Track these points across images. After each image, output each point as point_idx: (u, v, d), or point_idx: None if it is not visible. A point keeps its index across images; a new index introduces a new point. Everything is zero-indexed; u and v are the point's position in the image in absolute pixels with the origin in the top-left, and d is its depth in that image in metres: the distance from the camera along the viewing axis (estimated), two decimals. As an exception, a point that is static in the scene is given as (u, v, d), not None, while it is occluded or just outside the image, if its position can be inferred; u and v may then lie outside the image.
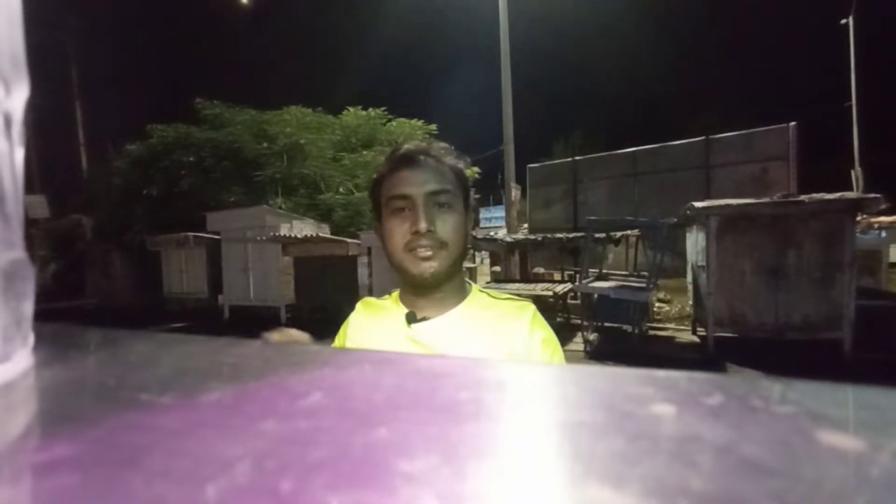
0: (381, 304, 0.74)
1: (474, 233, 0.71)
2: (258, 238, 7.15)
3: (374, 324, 0.71)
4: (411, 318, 0.68)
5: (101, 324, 0.31)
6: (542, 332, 0.67)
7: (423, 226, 0.62)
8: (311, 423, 0.15)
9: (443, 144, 0.70)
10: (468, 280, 0.74)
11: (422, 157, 0.66)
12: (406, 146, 0.68)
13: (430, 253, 0.64)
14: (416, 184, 0.64)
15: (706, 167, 9.12)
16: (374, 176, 0.70)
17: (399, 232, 0.64)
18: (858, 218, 4.40)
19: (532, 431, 0.15)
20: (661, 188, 9.37)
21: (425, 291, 0.67)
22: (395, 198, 0.65)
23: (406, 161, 0.66)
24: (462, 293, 0.70)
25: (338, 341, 0.74)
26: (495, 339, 0.65)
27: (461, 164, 0.69)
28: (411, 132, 11.25)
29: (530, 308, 0.69)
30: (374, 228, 0.73)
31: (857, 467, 0.12)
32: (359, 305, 0.76)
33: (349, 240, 7.33)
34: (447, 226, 0.65)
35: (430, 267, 0.64)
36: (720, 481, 0.11)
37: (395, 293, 0.73)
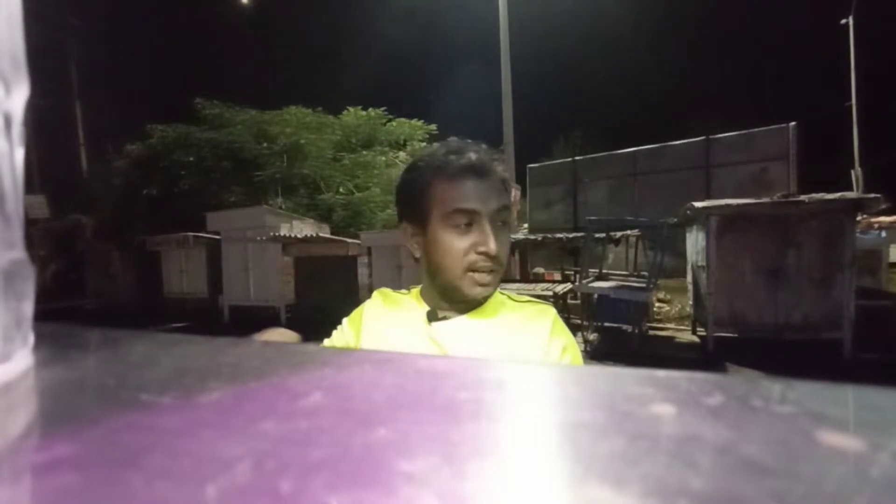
0: (401, 298, 0.72)
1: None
2: (258, 238, 7.15)
3: (393, 317, 0.69)
4: (432, 317, 0.66)
5: (101, 324, 0.30)
6: (561, 339, 0.65)
7: (492, 247, 0.59)
8: (311, 423, 0.15)
9: (486, 148, 0.65)
10: None
11: (487, 169, 0.61)
12: (469, 154, 0.62)
13: (490, 278, 0.62)
14: (483, 200, 0.60)
15: (706, 167, 9.11)
16: (418, 175, 0.64)
17: (460, 250, 0.61)
18: (858, 218, 4.39)
19: (532, 431, 0.15)
20: (661, 188, 9.36)
21: (459, 300, 0.65)
22: (459, 211, 0.60)
23: (473, 171, 0.61)
24: None
25: (350, 325, 0.72)
26: (514, 343, 0.63)
27: (507, 174, 0.65)
28: (411, 132, 11.26)
29: (551, 312, 0.67)
30: (406, 233, 0.68)
31: (857, 467, 0.12)
32: (376, 294, 0.74)
33: (349, 240, 7.33)
34: (503, 245, 0.62)
35: (485, 291, 0.62)
36: (720, 481, 0.11)
37: (416, 290, 0.72)
